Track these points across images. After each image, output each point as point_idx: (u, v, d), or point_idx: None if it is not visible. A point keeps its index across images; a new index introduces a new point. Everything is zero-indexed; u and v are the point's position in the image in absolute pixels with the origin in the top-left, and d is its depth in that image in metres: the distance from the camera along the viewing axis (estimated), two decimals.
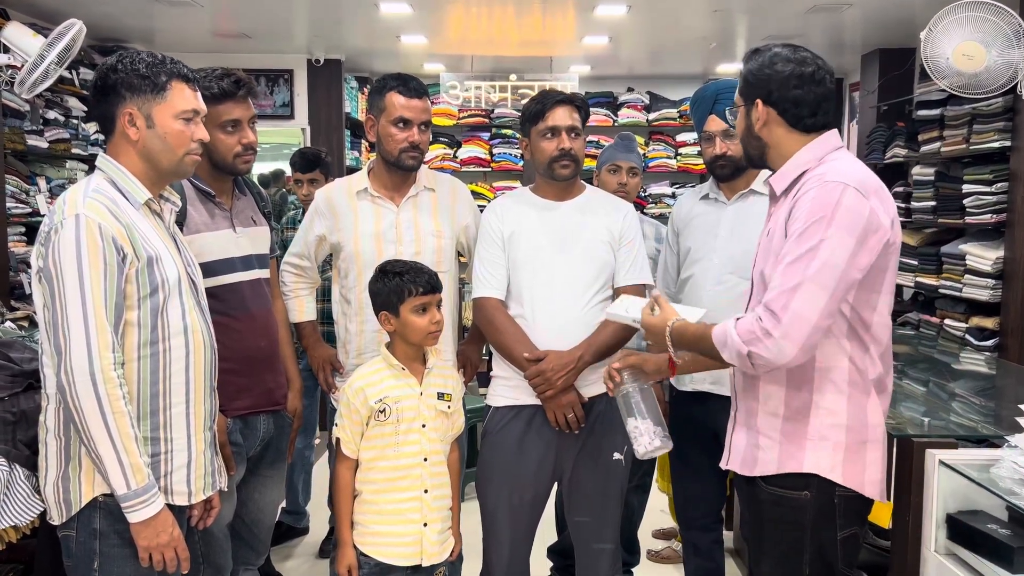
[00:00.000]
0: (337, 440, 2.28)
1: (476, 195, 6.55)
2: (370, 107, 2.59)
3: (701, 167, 7.62)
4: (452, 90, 7.14)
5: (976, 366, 3.57)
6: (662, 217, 6.47)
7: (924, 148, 5.46)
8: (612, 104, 7.92)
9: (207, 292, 2.08)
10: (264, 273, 2.47)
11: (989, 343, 4.75)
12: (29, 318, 3.82)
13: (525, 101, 2.59)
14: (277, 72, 7.12)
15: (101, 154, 1.92)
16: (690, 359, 2.09)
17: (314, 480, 4.06)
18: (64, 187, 4.94)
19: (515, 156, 7.85)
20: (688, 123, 7.72)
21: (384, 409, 2.22)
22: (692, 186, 6.43)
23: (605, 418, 2.47)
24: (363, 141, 8.00)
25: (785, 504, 1.87)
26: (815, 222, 1.73)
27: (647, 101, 7.93)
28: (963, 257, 4.98)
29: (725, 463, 2.05)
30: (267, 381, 2.43)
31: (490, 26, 6.03)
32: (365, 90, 7.86)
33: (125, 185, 1.87)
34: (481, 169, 7.93)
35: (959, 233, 5.26)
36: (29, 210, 4.77)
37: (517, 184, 7.54)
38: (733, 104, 2.03)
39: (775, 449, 1.88)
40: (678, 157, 7.89)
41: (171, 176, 1.96)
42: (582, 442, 2.46)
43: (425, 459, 2.25)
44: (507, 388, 2.48)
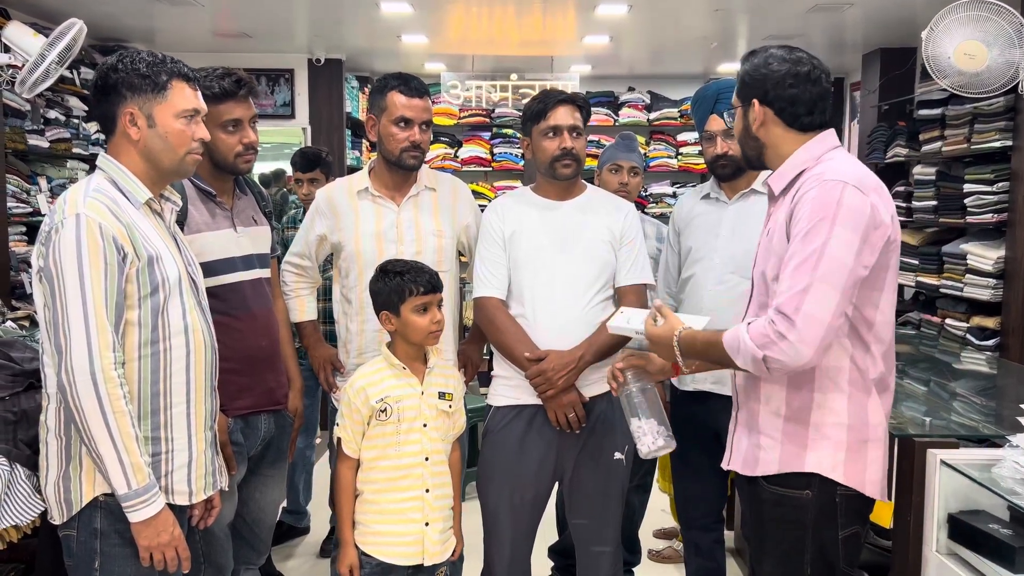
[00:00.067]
0: (338, 440, 2.28)
1: (477, 195, 6.54)
2: (371, 107, 2.59)
3: (702, 167, 7.61)
4: (453, 90, 7.14)
5: (977, 366, 3.57)
6: (663, 217, 6.47)
7: (925, 147, 5.46)
8: (613, 104, 7.91)
9: (208, 292, 2.08)
10: (265, 273, 2.47)
11: (990, 343, 4.74)
12: (30, 317, 3.81)
13: (526, 100, 2.59)
14: (278, 72, 7.11)
15: (102, 154, 1.91)
16: (697, 363, 2.08)
17: (315, 480, 4.07)
18: (65, 187, 4.94)
19: (516, 156, 7.85)
20: (689, 123, 7.72)
21: (385, 409, 2.22)
22: (693, 186, 6.42)
23: (606, 418, 2.47)
24: (364, 141, 8.00)
25: (786, 503, 1.87)
26: (818, 222, 1.73)
27: (648, 101, 7.93)
28: (964, 257, 4.97)
29: (726, 463, 2.05)
30: (268, 381, 2.43)
31: (491, 26, 6.03)
32: (366, 90, 7.85)
33: (126, 185, 1.87)
34: (482, 169, 7.93)
35: (960, 233, 5.25)
36: (30, 210, 4.77)
37: (518, 184, 7.54)
38: (727, 108, 2.03)
39: (777, 449, 1.88)
40: (679, 157, 7.89)
41: (172, 175, 1.96)
42: (583, 442, 2.46)
43: (426, 458, 2.25)
44: (508, 388, 2.48)
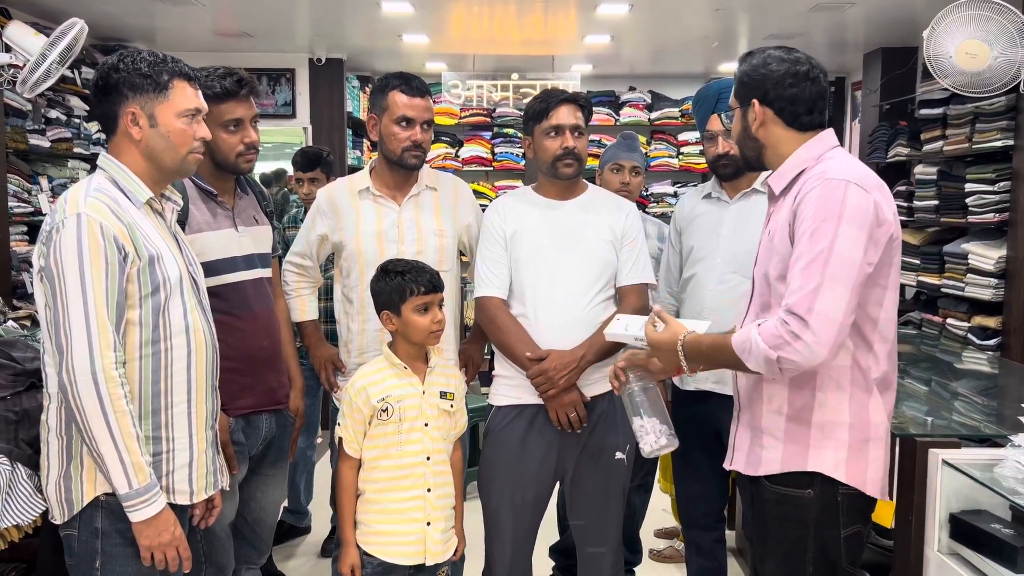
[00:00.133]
0: (339, 439, 2.28)
1: (478, 194, 6.54)
2: (372, 106, 2.59)
3: (703, 166, 7.60)
4: (454, 89, 7.13)
5: (979, 365, 3.56)
6: (664, 216, 6.46)
7: (926, 147, 5.45)
8: (614, 103, 7.91)
9: (209, 291, 2.08)
10: (266, 272, 2.47)
11: (991, 342, 4.74)
12: (31, 317, 3.81)
13: (528, 100, 2.59)
14: (279, 71, 7.11)
15: (103, 153, 1.91)
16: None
17: (316, 479, 4.07)
18: (66, 186, 4.94)
19: (517, 155, 7.84)
20: (690, 122, 7.71)
21: (386, 408, 2.22)
22: (694, 185, 6.42)
23: (607, 417, 2.46)
24: (365, 140, 7.99)
25: (788, 502, 1.87)
26: (824, 220, 1.73)
27: (649, 100, 7.92)
28: (965, 256, 4.97)
29: (729, 463, 2.05)
30: (269, 380, 2.43)
31: (492, 25, 6.03)
32: (367, 89, 7.85)
33: (127, 184, 1.87)
34: (483, 168, 7.92)
35: (961, 232, 5.25)
36: (31, 209, 4.76)
37: (519, 183, 7.53)
38: (728, 108, 2.02)
39: (779, 448, 1.87)
40: (680, 156, 7.88)
41: (174, 175, 1.96)
42: (584, 442, 2.46)
43: (428, 458, 2.25)
44: (509, 387, 2.48)
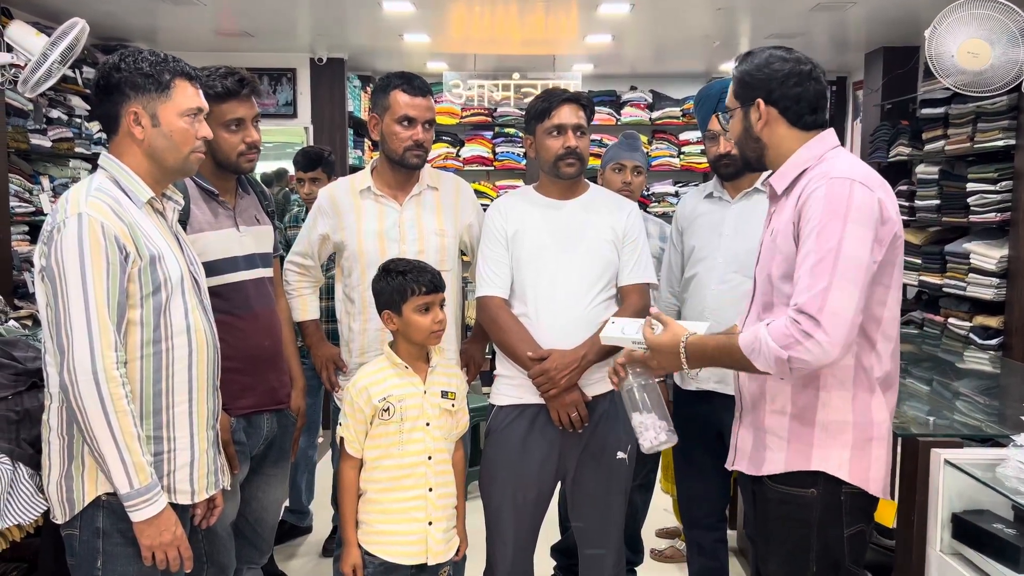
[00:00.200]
0: (341, 439, 2.27)
1: (479, 194, 6.51)
2: (374, 106, 2.58)
3: (704, 166, 7.60)
4: (455, 89, 7.12)
5: (980, 365, 3.56)
6: (665, 216, 6.46)
7: (928, 146, 5.44)
8: (615, 103, 7.90)
9: (211, 291, 2.08)
10: (268, 272, 2.46)
11: (993, 342, 4.73)
12: (33, 317, 3.82)
13: (529, 99, 2.59)
14: (280, 71, 7.11)
15: (104, 153, 1.91)
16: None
17: (317, 479, 4.07)
18: (67, 186, 4.94)
19: (518, 155, 7.84)
20: (691, 122, 7.71)
21: (388, 408, 2.22)
22: (696, 185, 6.41)
23: (609, 417, 2.46)
24: (366, 140, 7.99)
25: (792, 502, 1.87)
26: (830, 220, 1.73)
27: (650, 100, 7.91)
28: (967, 256, 4.96)
29: (731, 464, 2.05)
30: (271, 380, 2.43)
31: (493, 25, 6.02)
32: (368, 89, 7.85)
33: (128, 184, 1.87)
34: (484, 168, 7.92)
35: (963, 232, 5.24)
36: (32, 209, 4.77)
37: (520, 183, 7.53)
38: (725, 109, 2.00)
39: (783, 448, 1.87)
40: (681, 156, 7.88)
41: (176, 174, 1.96)
42: (585, 441, 2.45)
43: (429, 457, 2.25)
44: (511, 387, 2.48)
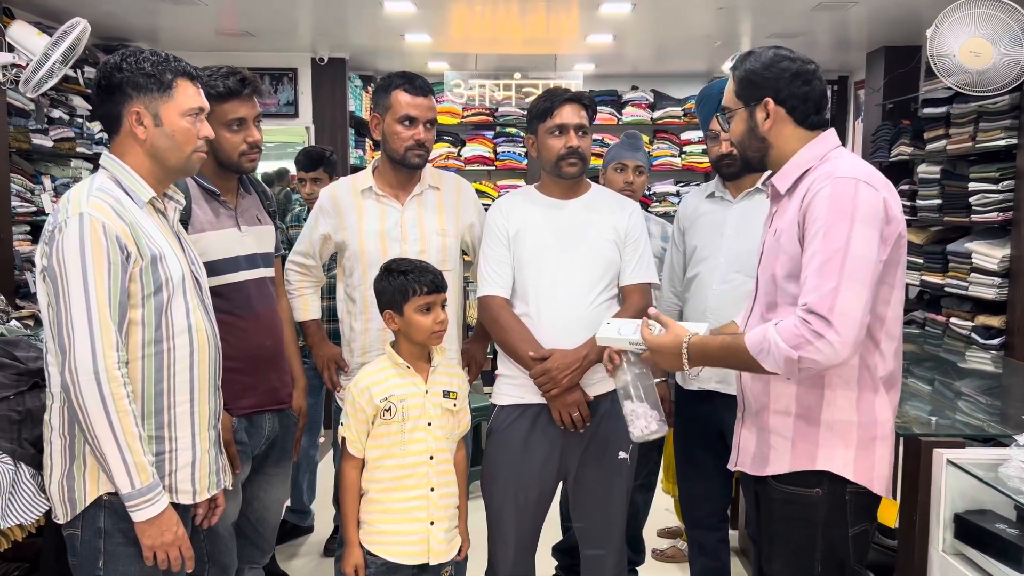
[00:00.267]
0: (343, 439, 2.27)
1: (480, 194, 6.51)
2: (375, 105, 2.59)
3: (705, 165, 7.60)
4: (456, 88, 7.12)
5: (982, 365, 3.55)
6: (666, 216, 6.46)
7: (930, 146, 5.44)
8: (616, 102, 7.90)
9: (212, 291, 2.08)
10: (269, 272, 2.46)
11: (995, 342, 4.73)
12: (34, 317, 3.81)
13: (530, 99, 2.60)
14: (281, 71, 7.11)
15: (105, 153, 1.91)
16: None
17: (319, 479, 4.06)
18: (69, 186, 4.91)
19: (519, 155, 7.84)
20: (692, 121, 7.70)
21: (390, 408, 2.21)
22: (697, 184, 6.40)
23: (610, 417, 2.46)
24: (367, 140, 7.99)
25: (797, 502, 1.87)
26: (837, 219, 1.73)
27: (651, 99, 7.91)
28: (969, 255, 4.96)
29: (734, 464, 2.04)
30: (272, 380, 2.43)
31: (494, 24, 6.02)
32: (369, 88, 7.85)
33: (129, 184, 1.87)
34: (485, 168, 7.92)
35: (965, 231, 5.24)
36: (34, 209, 4.77)
37: (521, 183, 7.52)
38: (725, 109, 1.97)
39: (787, 448, 1.87)
40: (682, 155, 7.88)
41: (178, 174, 1.96)
42: (587, 441, 2.45)
43: (431, 457, 2.24)
44: (512, 387, 2.48)
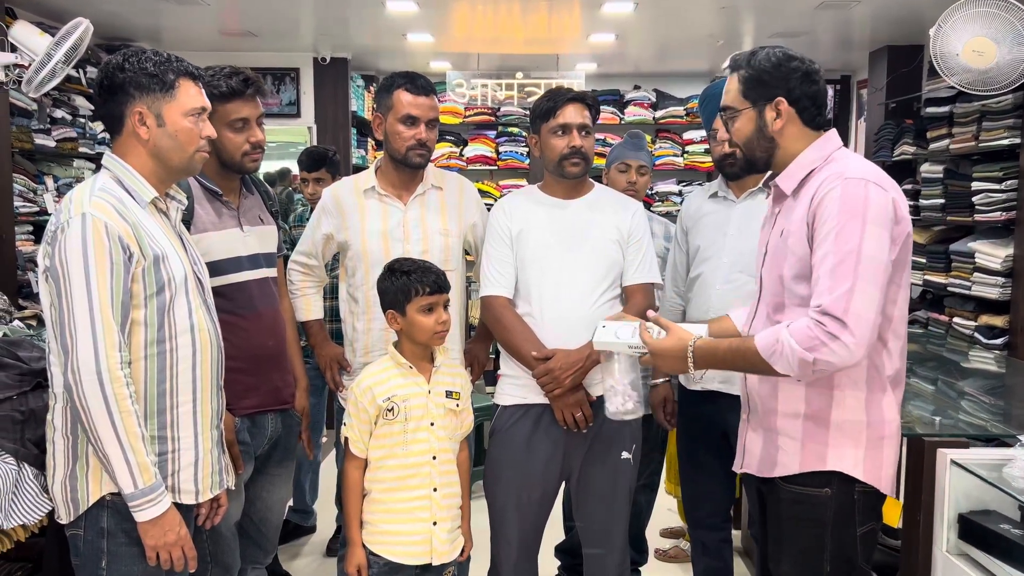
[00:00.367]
0: (345, 439, 2.27)
1: (482, 193, 6.52)
2: (378, 105, 2.58)
3: (708, 165, 7.59)
4: (458, 88, 7.12)
5: (986, 365, 3.55)
6: (668, 215, 6.45)
7: (933, 145, 5.43)
8: (619, 102, 7.89)
9: (215, 291, 2.08)
10: (271, 272, 2.46)
11: (998, 341, 4.72)
12: (37, 317, 3.82)
13: (532, 99, 2.60)
14: (283, 71, 7.12)
15: (107, 153, 1.91)
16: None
17: (321, 479, 4.06)
18: (71, 186, 4.92)
19: (521, 154, 7.83)
20: (695, 121, 7.70)
21: (392, 408, 2.21)
22: (700, 184, 6.40)
23: None
24: (369, 139, 8.00)
25: (806, 502, 1.87)
26: (849, 220, 1.73)
27: (653, 99, 7.91)
28: (972, 255, 4.95)
29: (739, 467, 2.04)
30: (274, 380, 2.43)
31: (496, 24, 6.02)
32: (371, 88, 7.85)
33: (131, 184, 1.87)
34: (487, 167, 7.91)
35: (968, 231, 5.23)
36: (37, 209, 4.78)
37: (523, 182, 7.52)
38: (728, 109, 1.95)
39: (797, 449, 1.87)
40: (684, 155, 7.87)
41: (180, 174, 1.96)
42: (590, 441, 2.45)
43: (434, 457, 2.24)
44: (515, 387, 2.48)
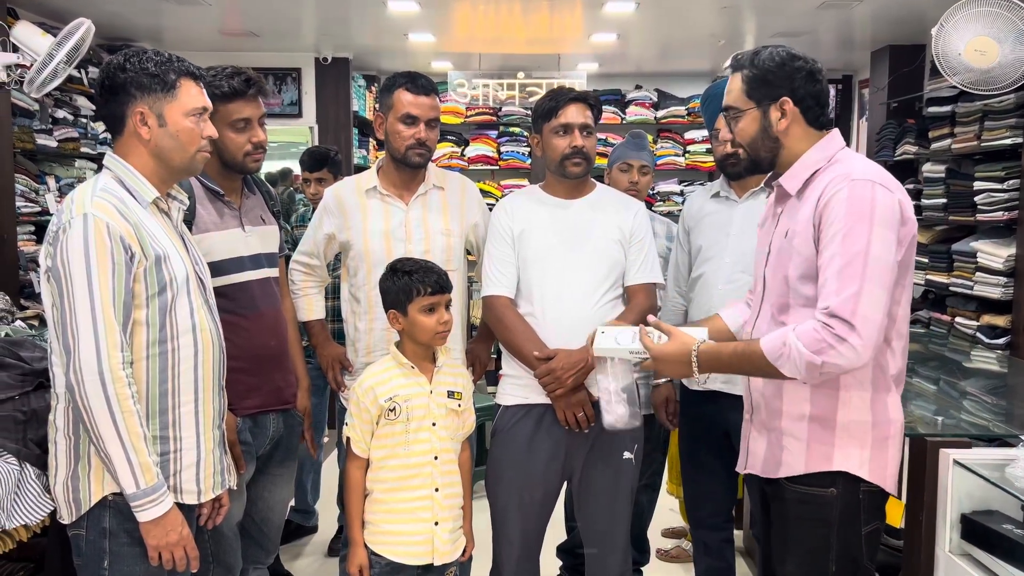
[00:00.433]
0: (347, 439, 2.27)
1: (484, 193, 6.50)
2: (379, 105, 2.58)
3: (709, 165, 7.58)
4: (460, 88, 7.12)
5: (988, 364, 3.55)
6: (670, 215, 6.45)
7: (935, 145, 5.42)
8: (620, 102, 7.89)
9: (216, 291, 2.08)
10: (273, 272, 2.46)
11: (1000, 341, 4.71)
12: (39, 317, 3.82)
13: (534, 98, 2.59)
14: (285, 71, 7.11)
15: (109, 153, 1.91)
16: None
17: (323, 479, 4.06)
18: (73, 186, 4.94)
19: (523, 154, 7.83)
20: (696, 120, 7.69)
21: (394, 408, 2.21)
22: (701, 184, 6.40)
23: None
24: (371, 139, 8.00)
25: (811, 502, 1.87)
26: (857, 222, 1.73)
27: (655, 99, 7.90)
28: (974, 255, 4.94)
29: (742, 468, 2.04)
30: (276, 380, 2.43)
31: (497, 24, 6.02)
32: (373, 88, 7.85)
33: (133, 184, 1.87)
34: (489, 167, 7.91)
35: (970, 230, 5.22)
36: (38, 209, 4.78)
37: (525, 182, 7.52)
38: (731, 109, 1.94)
39: (802, 449, 1.87)
40: (686, 155, 7.87)
41: (182, 174, 1.97)
42: (592, 441, 2.45)
43: (436, 457, 2.24)
44: (517, 387, 2.47)
